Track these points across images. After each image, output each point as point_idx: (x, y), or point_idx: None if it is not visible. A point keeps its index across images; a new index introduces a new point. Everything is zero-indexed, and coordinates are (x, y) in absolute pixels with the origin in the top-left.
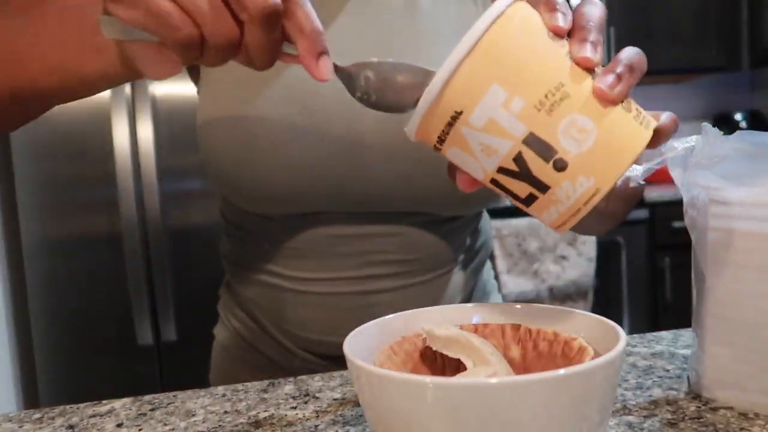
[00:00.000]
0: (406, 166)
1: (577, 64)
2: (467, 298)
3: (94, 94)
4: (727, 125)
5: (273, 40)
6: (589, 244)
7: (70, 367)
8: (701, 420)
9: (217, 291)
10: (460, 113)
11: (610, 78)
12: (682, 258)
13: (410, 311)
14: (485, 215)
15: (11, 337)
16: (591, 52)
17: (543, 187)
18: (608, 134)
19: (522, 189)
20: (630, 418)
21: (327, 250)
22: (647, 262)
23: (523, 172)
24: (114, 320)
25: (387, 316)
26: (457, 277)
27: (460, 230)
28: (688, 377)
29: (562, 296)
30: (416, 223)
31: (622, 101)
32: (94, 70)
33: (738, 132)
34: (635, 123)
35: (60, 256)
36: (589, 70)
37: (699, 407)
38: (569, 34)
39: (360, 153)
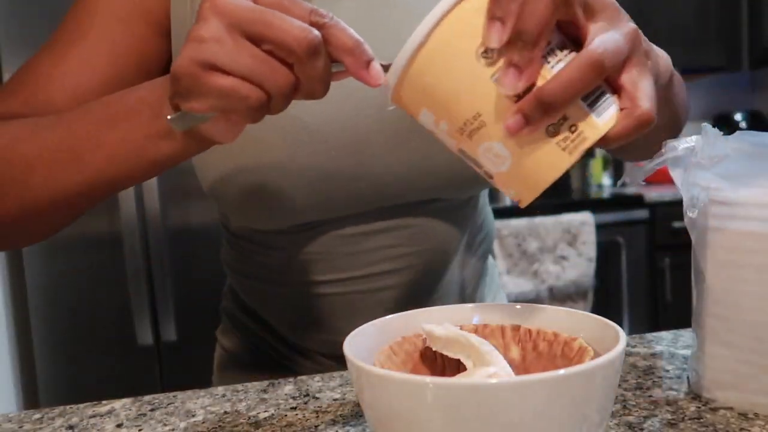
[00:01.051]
0: (409, 155)
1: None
2: (475, 291)
3: (158, 174)
4: (727, 125)
5: (323, 68)
6: (589, 245)
7: (70, 367)
8: (701, 420)
9: (218, 291)
10: (413, 114)
11: (518, 119)
12: (682, 258)
13: (410, 311)
14: (488, 206)
15: (11, 337)
16: (511, 81)
17: (487, 177)
18: (522, 162)
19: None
20: (630, 418)
21: (338, 251)
22: (647, 263)
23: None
24: (114, 320)
25: (387, 317)
26: (466, 266)
27: (469, 215)
28: (687, 377)
29: (562, 296)
30: (426, 212)
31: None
32: (165, 155)
33: (738, 132)
34: (557, 148)
35: (60, 256)
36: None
37: (699, 407)
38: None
39: (362, 151)
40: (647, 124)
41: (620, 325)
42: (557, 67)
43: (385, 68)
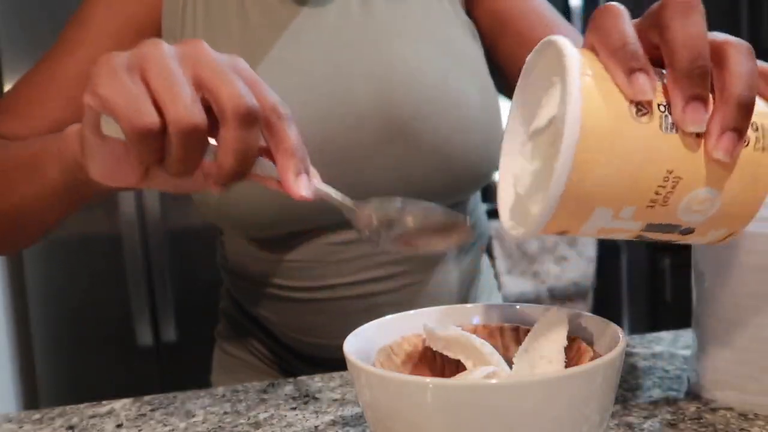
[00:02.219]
0: (391, 164)
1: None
2: (468, 292)
3: (70, 199)
4: None
5: (247, 145)
6: (589, 245)
7: (70, 367)
8: (701, 421)
9: (218, 291)
10: (567, 232)
11: (727, 142)
12: (682, 259)
13: (410, 312)
14: (480, 207)
15: (11, 337)
16: (697, 114)
17: (673, 242)
18: (732, 191)
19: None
20: (630, 418)
21: (328, 258)
22: (647, 263)
23: (644, 239)
24: (114, 320)
25: (387, 317)
26: (458, 268)
27: None
28: (687, 378)
29: (562, 297)
30: None
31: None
32: (55, 176)
33: None
34: (757, 155)
35: (60, 256)
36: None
37: (699, 408)
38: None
39: (344, 162)
40: None
41: (620, 325)
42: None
43: (330, 198)
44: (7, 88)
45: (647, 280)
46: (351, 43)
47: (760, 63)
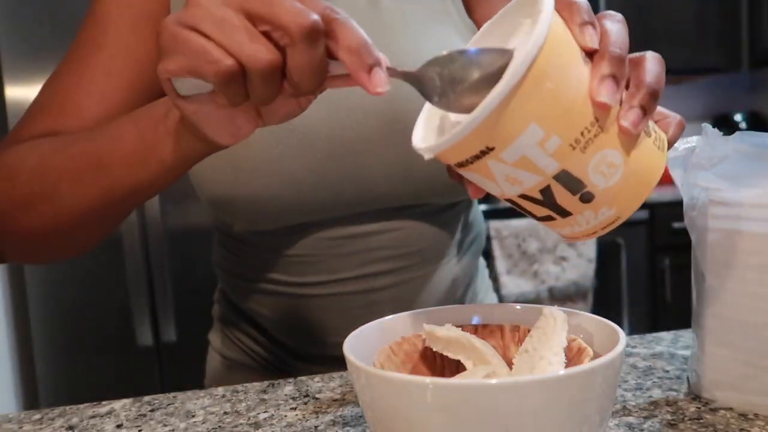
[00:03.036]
0: (394, 160)
1: (598, 107)
2: (466, 290)
3: (178, 177)
4: (726, 126)
5: (318, 59)
6: (588, 245)
7: (70, 367)
8: (701, 421)
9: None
10: (492, 149)
11: (636, 114)
12: (682, 259)
13: (410, 312)
14: (476, 207)
15: (11, 337)
16: (608, 92)
17: (564, 213)
18: (634, 167)
19: (540, 211)
20: (630, 418)
21: (327, 253)
22: (647, 263)
23: (547, 201)
24: (114, 321)
25: (387, 317)
26: (457, 266)
27: (455, 218)
28: (687, 378)
29: (562, 297)
30: (413, 215)
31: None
32: (172, 153)
33: (738, 133)
34: (655, 149)
35: None
36: None
37: (699, 408)
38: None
39: (348, 156)
40: (683, 130)
41: (620, 325)
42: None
43: (396, 74)
44: (7, 88)
45: (647, 280)
46: None
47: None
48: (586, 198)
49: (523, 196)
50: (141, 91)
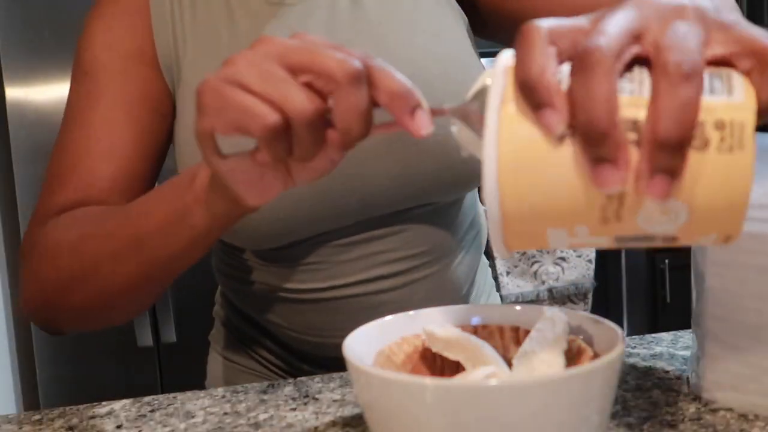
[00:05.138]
0: (391, 166)
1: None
2: (469, 290)
3: (211, 243)
4: None
5: (365, 103)
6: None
7: (70, 367)
8: (701, 421)
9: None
10: (541, 246)
11: (659, 185)
12: (682, 259)
13: (410, 312)
14: (478, 203)
15: (11, 338)
16: (607, 181)
17: (669, 239)
18: (698, 199)
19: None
20: (629, 419)
21: (331, 260)
22: (647, 264)
23: (638, 243)
24: None
25: (387, 317)
26: (461, 264)
27: (458, 215)
28: (687, 378)
29: (561, 297)
30: (416, 216)
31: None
32: (202, 219)
33: None
34: (725, 157)
35: None
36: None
37: (699, 408)
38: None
39: (348, 167)
40: None
41: (620, 325)
42: (644, 90)
43: (438, 112)
44: (7, 88)
45: (647, 281)
46: (342, 40)
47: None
48: (668, 239)
49: (619, 240)
50: (143, 140)
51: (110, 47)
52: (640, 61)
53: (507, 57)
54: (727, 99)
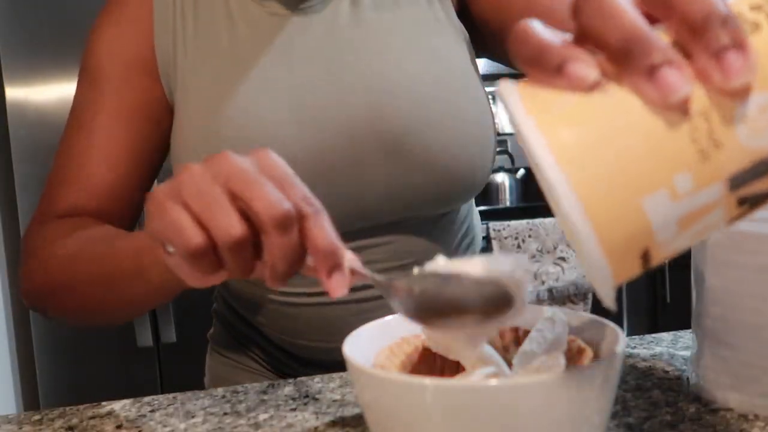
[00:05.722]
0: (383, 179)
1: (677, 109)
2: None
3: (168, 296)
4: None
5: (291, 247)
6: None
7: (70, 368)
8: (701, 421)
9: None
10: (647, 250)
11: (728, 62)
12: (682, 259)
13: None
14: (474, 211)
15: (11, 338)
16: (681, 88)
17: None
18: None
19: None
20: (629, 419)
21: None
22: None
23: (757, 199)
24: None
25: (386, 317)
26: None
27: (449, 227)
28: (687, 379)
29: (562, 298)
30: (407, 228)
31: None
32: (157, 278)
33: None
34: None
35: None
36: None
37: (699, 409)
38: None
39: (339, 176)
40: None
41: (620, 326)
42: None
43: (363, 277)
44: (7, 88)
45: (647, 281)
46: (341, 55)
47: None
48: None
49: (733, 220)
50: (141, 148)
51: (114, 55)
52: None
53: (505, 87)
54: None
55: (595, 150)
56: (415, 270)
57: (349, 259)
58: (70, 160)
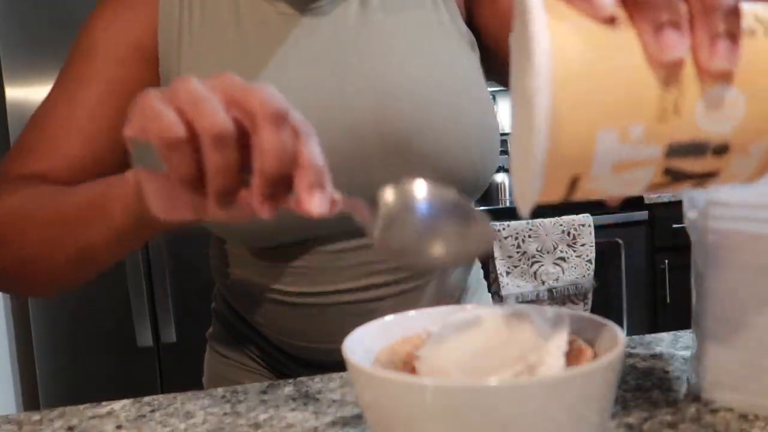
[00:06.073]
0: (388, 177)
1: (668, 68)
2: (461, 295)
3: (131, 244)
4: None
5: (283, 149)
6: (588, 246)
7: (70, 368)
8: (701, 422)
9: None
10: (578, 176)
11: (720, 47)
12: (682, 259)
13: (410, 312)
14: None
15: (11, 338)
16: (676, 48)
17: (711, 175)
18: (755, 85)
19: (683, 187)
20: (629, 419)
21: (325, 266)
22: (647, 264)
23: (680, 177)
24: (114, 321)
25: (387, 317)
26: (453, 274)
27: None
28: (687, 379)
29: (561, 298)
30: None
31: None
32: (119, 218)
33: None
34: None
35: None
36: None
37: (698, 409)
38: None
39: (345, 174)
40: None
41: (620, 326)
42: None
43: (342, 206)
44: (7, 88)
45: (647, 281)
46: (345, 57)
47: None
48: (720, 150)
49: (652, 186)
50: (121, 130)
51: (112, 35)
52: None
53: None
54: (759, 6)
55: (586, 67)
56: (387, 192)
57: (333, 189)
58: (46, 128)
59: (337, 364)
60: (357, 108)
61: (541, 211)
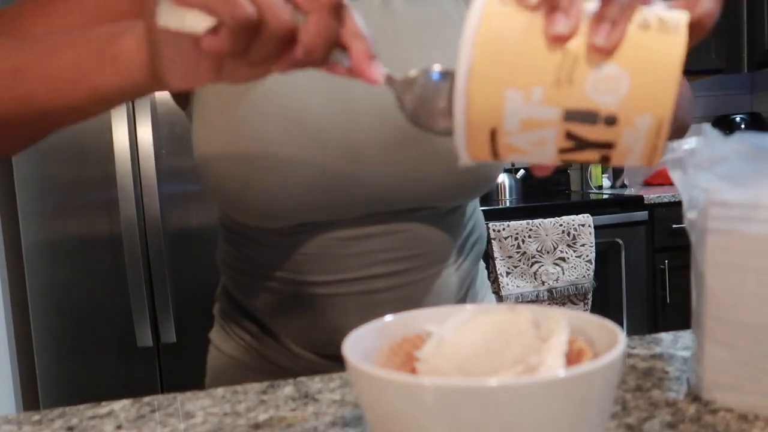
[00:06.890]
0: (404, 165)
1: (555, 41)
2: (467, 292)
3: (103, 110)
4: (727, 127)
5: (334, 31)
6: (588, 246)
7: (70, 368)
8: (701, 422)
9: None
10: (495, 129)
11: (603, 30)
12: (682, 260)
13: (410, 312)
14: (478, 210)
15: (11, 338)
16: (562, 26)
17: (608, 146)
18: (638, 68)
19: (591, 156)
20: (629, 419)
21: (332, 253)
22: (646, 264)
23: (583, 143)
24: (114, 322)
25: (387, 317)
26: (459, 269)
27: (459, 222)
28: (687, 379)
29: (561, 298)
30: (418, 218)
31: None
32: (107, 83)
33: (738, 134)
34: (661, 35)
35: (60, 257)
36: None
37: (698, 409)
38: None
39: (358, 158)
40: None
41: (620, 326)
42: None
43: (390, 80)
44: None
45: (647, 281)
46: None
47: None
48: (611, 120)
49: (562, 151)
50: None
51: None
52: None
53: None
54: (665, 11)
55: (504, 34)
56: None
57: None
58: (21, 11)
59: (338, 357)
60: (379, 92)
61: (542, 211)
